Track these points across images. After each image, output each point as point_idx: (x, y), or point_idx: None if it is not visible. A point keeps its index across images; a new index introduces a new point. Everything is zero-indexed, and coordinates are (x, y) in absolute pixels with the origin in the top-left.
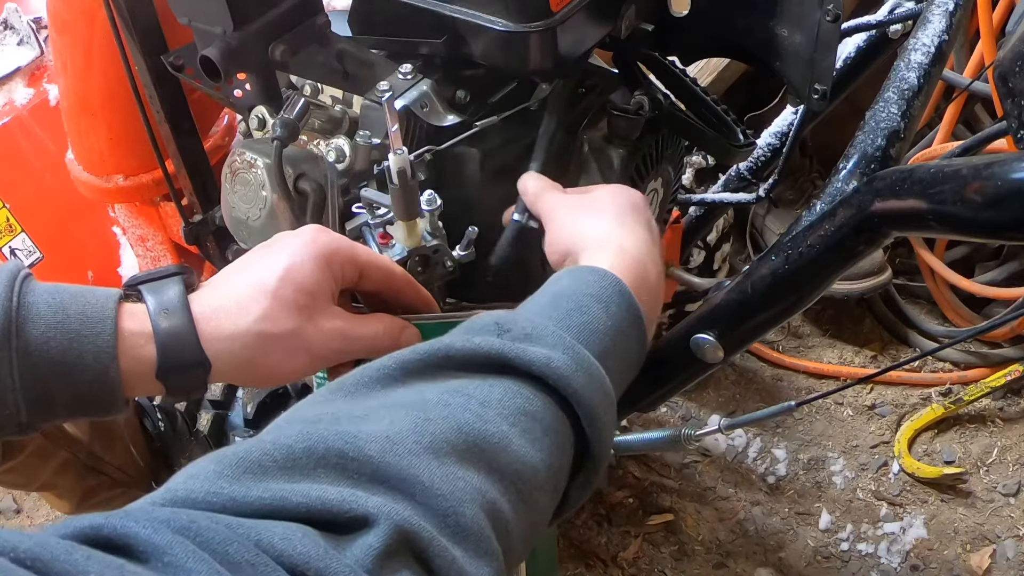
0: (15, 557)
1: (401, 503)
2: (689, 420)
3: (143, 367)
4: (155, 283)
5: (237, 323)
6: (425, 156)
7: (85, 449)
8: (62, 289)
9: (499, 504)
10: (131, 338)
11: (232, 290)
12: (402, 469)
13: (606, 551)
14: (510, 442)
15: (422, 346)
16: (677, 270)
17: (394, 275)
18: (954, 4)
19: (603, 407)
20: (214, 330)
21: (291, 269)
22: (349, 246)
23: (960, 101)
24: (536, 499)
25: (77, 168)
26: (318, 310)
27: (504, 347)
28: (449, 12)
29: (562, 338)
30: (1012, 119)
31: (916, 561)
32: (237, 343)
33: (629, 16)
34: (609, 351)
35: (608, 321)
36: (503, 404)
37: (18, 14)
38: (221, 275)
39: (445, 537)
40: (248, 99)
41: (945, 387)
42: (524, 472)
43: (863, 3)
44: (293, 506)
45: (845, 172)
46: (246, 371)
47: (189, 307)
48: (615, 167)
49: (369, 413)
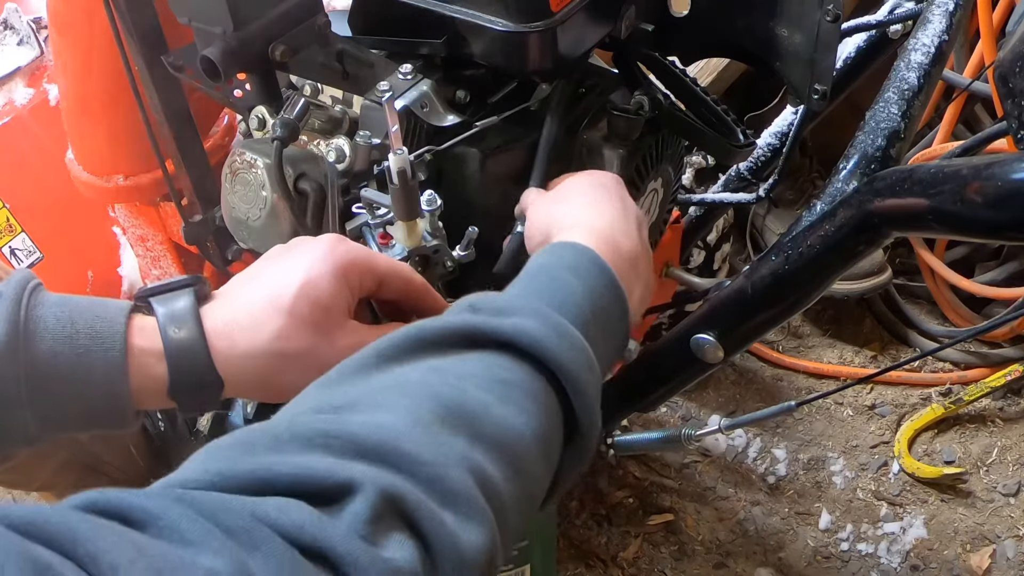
0: (9, 524)
1: (385, 471)
2: (689, 420)
3: (155, 384)
4: (166, 295)
5: (252, 341)
6: (425, 156)
7: (85, 449)
8: (72, 302)
9: (487, 470)
10: (141, 356)
11: (246, 304)
12: (385, 442)
13: (606, 551)
14: (492, 410)
15: (397, 333)
16: (677, 270)
17: (413, 283)
18: (954, 4)
19: (584, 371)
20: (228, 348)
21: (307, 284)
22: (367, 257)
23: (960, 101)
24: (525, 467)
25: (77, 168)
26: (334, 326)
27: (477, 321)
28: (449, 12)
29: (535, 307)
30: (1012, 119)
31: (916, 561)
32: (251, 362)
33: (629, 16)
34: (587, 319)
35: (581, 287)
36: (481, 375)
37: (18, 14)
38: (234, 285)
39: (434, 501)
40: (248, 99)
41: (945, 387)
42: (510, 437)
43: (863, 3)
44: (280, 477)
45: (845, 172)
46: (259, 388)
47: (201, 322)
48: (615, 167)
49: (350, 400)
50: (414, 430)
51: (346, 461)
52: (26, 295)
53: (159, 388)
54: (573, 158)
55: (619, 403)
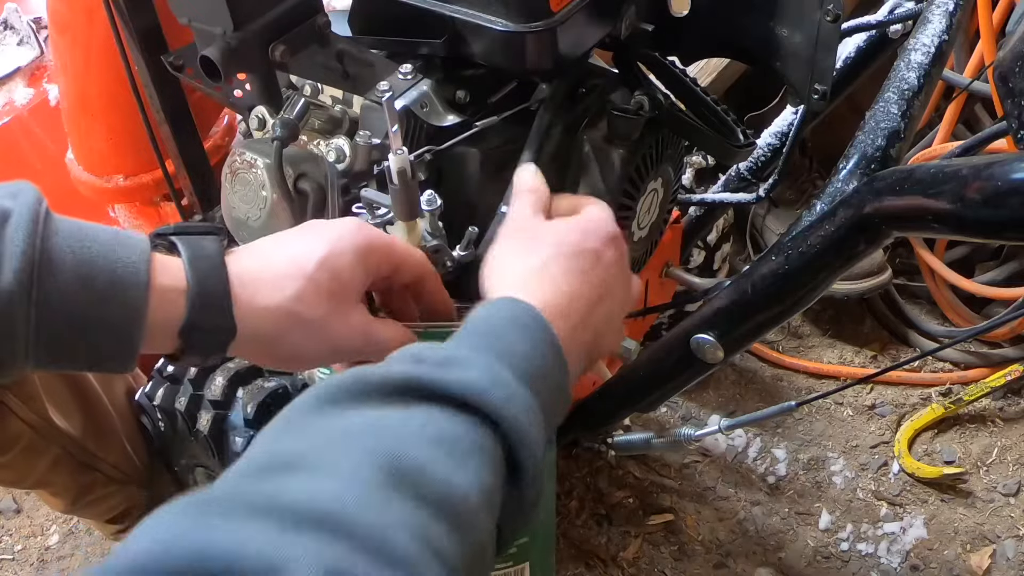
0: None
1: (329, 543)
2: (689, 420)
3: (169, 323)
4: (191, 237)
5: (271, 297)
6: (425, 156)
7: (78, 445)
8: (88, 237)
9: (434, 531)
10: (162, 292)
11: (271, 263)
12: (329, 512)
13: (606, 551)
14: (436, 467)
15: (342, 377)
16: (677, 270)
17: (426, 272)
18: (954, 4)
19: (529, 424)
20: (248, 298)
21: (330, 256)
22: (387, 242)
23: (960, 101)
24: (473, 523)
25: (77, 168)
26: (348, 302)
27: (421, 372)
28: (449, 12)
29: (479, 360)
30: (1012, 119)
31: (916, 561)
32: (267, 316)
33: (629, 16)
34: (531, 374)
35: (525, 345)
36: (424, 430)
37: (18, 14)
38: (259, 244)
39: (380, 569)
40: (248, 99)
41: (945, 387)
42: (456, 495)
43: (863, 3)
44: (223, 554)
45: (845, 172)
46: (267, 348)
47: (226, 268)
48: (615, 167)
49: (295, 455)
50: (358, 494)
51: (289, 535)
52: (40, 222)
53: (172, 327)
54: (573, 158)
55: (619, 403)
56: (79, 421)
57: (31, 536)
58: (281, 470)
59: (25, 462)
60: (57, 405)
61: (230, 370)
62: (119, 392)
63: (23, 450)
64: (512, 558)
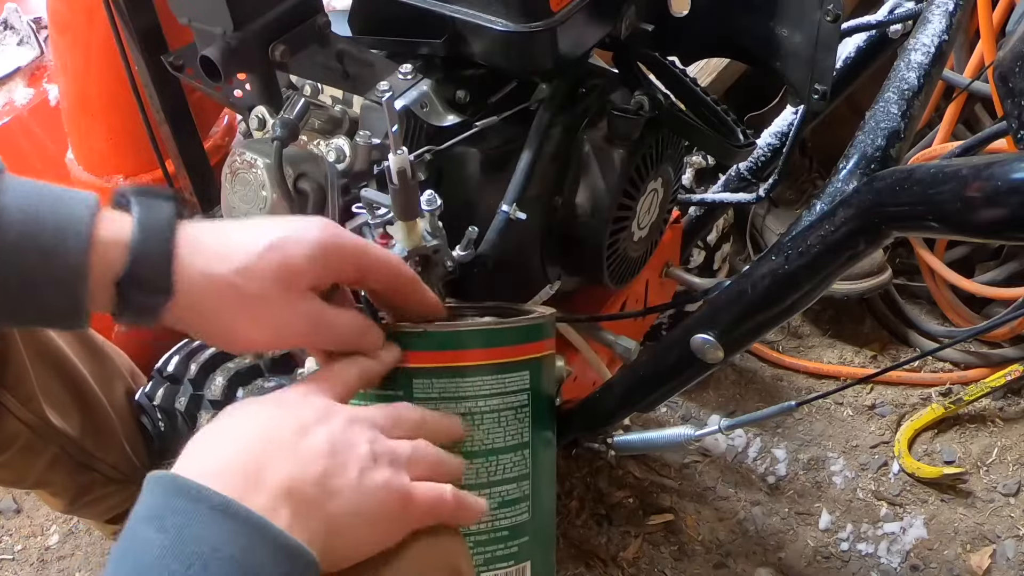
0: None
1: None
2: (689, 420)
3: (107, 274)
4: (149, 199)
5: (213, 265)
6: (425, 156)
7: (76, 445)
8: (38, 192)
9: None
10: (105, 245)
11: (223, 234)
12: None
13: (606, 551)
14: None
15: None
16: (677, 270)
17: (401, 277)
18: (954, 4)
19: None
20: (192, 263)
21: (285, 241)
22: (356, 247)
23: (960, 101)
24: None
25: (77, 168)
26: (295, 289)
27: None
28: (449, 12)
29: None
30: (1012, 119)
31: (916, 561)
32: (206, 284)
33: (629, 16)
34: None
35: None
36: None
37: (18, 14)
38: (223, 221)
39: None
40: (248, 99)
41: (945, 387)
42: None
43: (863, 3)
44: None
45: (845, 172)
46: (203, 320)
47: (175, 229)
48: (615, 167)
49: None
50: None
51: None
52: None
53: (109, 279)
54: (573, 157)
55: (619, 403)
56: (77, 421)
57: (31, 536)
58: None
59: (23, 462)
60: (55, 405)
61: (230, 370)
62: (119, 392)
63: (20, 450)
64: (513, 557)
